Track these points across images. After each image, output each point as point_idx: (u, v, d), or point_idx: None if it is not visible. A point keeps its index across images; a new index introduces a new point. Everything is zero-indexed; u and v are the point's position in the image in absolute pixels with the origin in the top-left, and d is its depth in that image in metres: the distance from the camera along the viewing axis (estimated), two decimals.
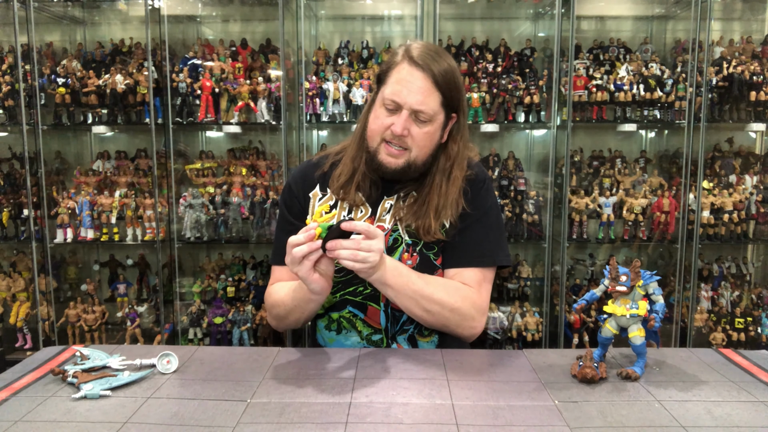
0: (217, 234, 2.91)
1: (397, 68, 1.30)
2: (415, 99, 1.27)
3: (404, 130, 1.29)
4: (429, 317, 1.31)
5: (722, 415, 0.96)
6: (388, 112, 1.31)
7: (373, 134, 1.34)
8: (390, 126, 1.30)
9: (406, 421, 0.94)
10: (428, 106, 1.28)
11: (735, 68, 2.78)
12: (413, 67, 1.28)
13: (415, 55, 1.28)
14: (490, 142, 3.13)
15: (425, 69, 1.27)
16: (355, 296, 1.40)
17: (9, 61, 2.90)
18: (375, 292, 1.37)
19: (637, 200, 2.83)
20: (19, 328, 3.00)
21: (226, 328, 2.90)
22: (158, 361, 1.14)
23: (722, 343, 2.82)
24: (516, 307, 2.92)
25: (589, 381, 1.08)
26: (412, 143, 1.31)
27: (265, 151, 3.07)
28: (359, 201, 1.40)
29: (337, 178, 1.41)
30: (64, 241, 2.94)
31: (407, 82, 1.28)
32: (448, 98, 1.31)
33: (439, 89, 1.29)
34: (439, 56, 1.30)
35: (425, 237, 1.36)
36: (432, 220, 1.34)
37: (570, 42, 2.69)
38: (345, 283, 1.40)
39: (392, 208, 1.41)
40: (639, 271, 1.10)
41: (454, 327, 1.34)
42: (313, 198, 1.45)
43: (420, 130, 1.30)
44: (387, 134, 1.31)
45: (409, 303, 1.29)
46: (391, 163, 1.33)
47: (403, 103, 1.28)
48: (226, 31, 3.20)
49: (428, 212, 1.35)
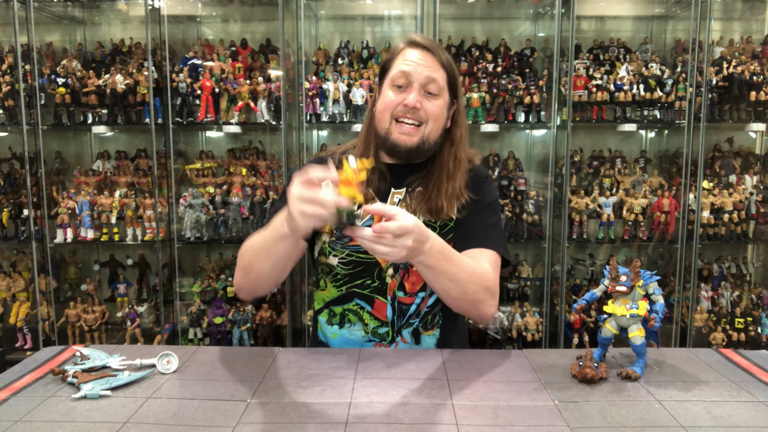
0: (217, 234, 2.91)
1: (401, 54, 1.36)
2: (425, 71, 1.33)
3: (417, 101, 1.32)
4: (463, 297, 1.27)
5: (722, 415, 0.96)
6: (397, 90, 1.35)
7: (384, 114, 1.37)
8: (401, 102, 1.33)
9: (406, 421, 0.94)
10: (437, 80, 1.34)
11: (735, 68, 2.78)
12: (418, 48, 1.35)
13: (418, 39, 1.36)
14: (490, 142, 3.13)
15: (431, 49, 1.34)
16: (363, 289, 1.40)
17: (9, 61, 2.90)
18: (382, 285, 1.38)
19: (637, 200, 2.83)
20: (19, 328, 3.00)
21: (226, 328, 2.90)
22: (158, 361, 1.14)
23: (722, 343, 2.82)
24: (516, 307, 2.92)
25: (589, 381, 1.08)
26: (426, 116, 1.34)
27: (265, 151, 3.07)
28: (369, 195, 1.41)
29: None
30: (64, 241, 2.94)
31: (416, 59, 1.34)
32: (451, 80, 1.37)
33: (444, 68, 1.35)
34: (438, 43, 1.38)
35: (437, 217, 1.38)
36: (444, 200, 1.37)
37: (570, 42, 2.69)
38: (353, 276, 1.40)
39: (401, 202, 1.41)
40: (639, 271, 1.10)
41: (482, 306, 1.30)
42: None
43: (432, 103, 1.35)
44: (398, 110, 1.34)
45: (448, 286, 1.24)
46: (406, 141, 1.35)
47: (414, 74, 1.33)
48: (226, 31, 3.20)
49: (440, 195, 1.38)
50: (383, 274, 1.39)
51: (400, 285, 1.40)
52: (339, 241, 1.40)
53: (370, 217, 1.10)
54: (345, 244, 1.40)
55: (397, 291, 1.40)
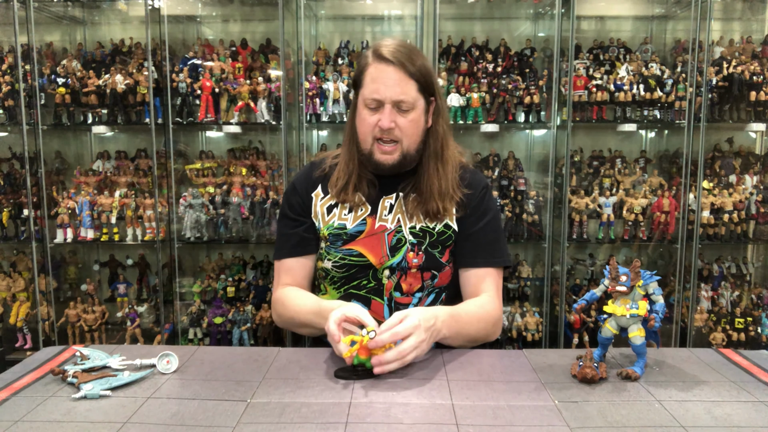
0: (217, 234, 2.91)
1: (368, 69, 1.35)
2: (393, 91, 1.32)
3: (391, 122, 1.33)
4: (477, 341, 1.39)
5: (722, 415, 0.96)
6: (371, 111, 1.35)
7: (365, 136, 1.38)
8: (377, 123, 1.34)
9: (406, 421, 0.94)
10: (407, 94, 1.33)
11: (735, 68, 2.78)
12: (383, 63, 1.33)
13: (384, 52, 1.33)
14: (490, 142, 3.13)
15: (395, 62, 1.32)
16: (360, 290, 1.41)
17: (9, 61, 2.90)
18: (378, 286, 1.39)
19: (637, 200, 2.83)
20: (19, 328, 3.00)
21: (226, 328, 2.90)
22: (158, 361, 1.14)
23: (722, 343, 2.82)
24: (516, 307, 2.92)
25: (589, 381, 1.08)
26: (401, 134, 1.35)
27: (265, 151, 3.07)
28: (359, 201, 1.43)
29: (335, 182, 1.45)
30: (64, 241, 2.93)
31: (381, 78, 1.32)
32: (423, 84, 1.35)
33: (412, 77, 1.33)
34: (405, 48, 1.35)
35: (434, 220, 1.41)
36: (437, 202, 1.39)
37: (570, 42, 2.69)
38: (348, 278, 1.41)
39: (394, 208, 1.42)
40: (639, 271, 1.10)
41: (492, 337, 1.42)
42: (315, 198, 1.48)
43: (405, 120, 1.35)
44: (376, 132, 1.35)
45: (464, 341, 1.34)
46: (388, 159, 1.37)
47: (383, 98, 1.32)
48: (226, 31, 3.20)
49: (433, 195, 1.39)
50: (379, 275, 1.40)
51: (397, 286, 1.41)
52: (333, 245, 1.41)
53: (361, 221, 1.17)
54: (338, 248, 1.40)
55: (393, 292, 1.41)
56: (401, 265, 1.39)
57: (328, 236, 1.42)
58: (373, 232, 1.41)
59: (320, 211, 1.45)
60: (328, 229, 1.42)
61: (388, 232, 1.40)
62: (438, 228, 1.42)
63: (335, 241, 1.41)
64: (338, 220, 1.43)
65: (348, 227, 1.41)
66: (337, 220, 1.43)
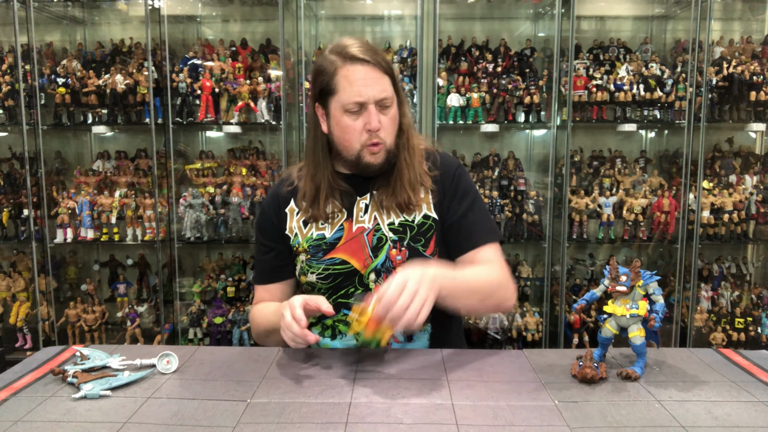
0: (217, 234, 2.91)
1: (341, 73, 1.30)
2: (374, 90, 1.29)
3: (378, 122, 1.31)
4: (485, 303, 1.32)
5: (722, 415, 0.96)
6: (354, 116, 1.31)
7: (352, 143, 1.33)
8: (364, 127, 1.31)
9: (406, 421, 0.94)
10: (387, 90, 1.31)
11: (735, 68, 2.78)
12: (357, 64, 1.29)
13: (354, 53, 1.29)
14: (490, 142, 3.13)
15: (370, 61, 1.29)
16: (347, 298, 1.40)
17: (9, 61, 2.90)
18: (366, 291, 1.37)
19: (637, 200, 2.83)
20: (19, 328, 3.00)
21: (226, 328, 2.89)
22: (158, 361, 1.14)
23: (722, 343, 2.82)
24: (516, 307, 2.92)
25: (589, 381, 1.08)
26: (384, 134, 1.33)
27: (265, 151, 3.07)
28: (334, 208, 1.40)
29: (302, 199, 1.41)
30: (64, 241, 2.94)
31: (361, 79, 1.29)
32: (393, 78, 1.34)
33: (386, 73, 1.31)
34: (368, 44, 1.33)
35: (408, 212, 1.38)
36: (409, 192, 1.37)
37: (570, 42, 2.69)
38: (335, 288, 1.39)
39: (369, 207, 1.41)
40: (639, 271, 1.10)
41: (502, 302, 1.34)
42: (290, 213, 1.44)
43: (387, 117, 1.33)
44: (364, 138, 1.32)
45: (469, 300, 1.27)
46: (377, 159, 1.35)
47: (367, 99, 1.29)
48: (226, 31, 3.20)
49: (403, 186, 1.37)
50: (365, 280, 1.38)
51: None
52: (314, 257, 1.40)
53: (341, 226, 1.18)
54: (320, 259, 1.39)
55: None
56: (386, 266, 1.37)
57: (309, 248, 1.39)
58: (353, 235, 1.38)
59: (296, 225, 1.43)
60: (307, 242, 1.40)
61: (367, 233, 1.38)
62: (417, 220, 1.39)
63: (316, 252, 1.39)
64: (317, 231, 1.40)
65: (327, 236, 1.40)
66: (316, 231, 1.40)
